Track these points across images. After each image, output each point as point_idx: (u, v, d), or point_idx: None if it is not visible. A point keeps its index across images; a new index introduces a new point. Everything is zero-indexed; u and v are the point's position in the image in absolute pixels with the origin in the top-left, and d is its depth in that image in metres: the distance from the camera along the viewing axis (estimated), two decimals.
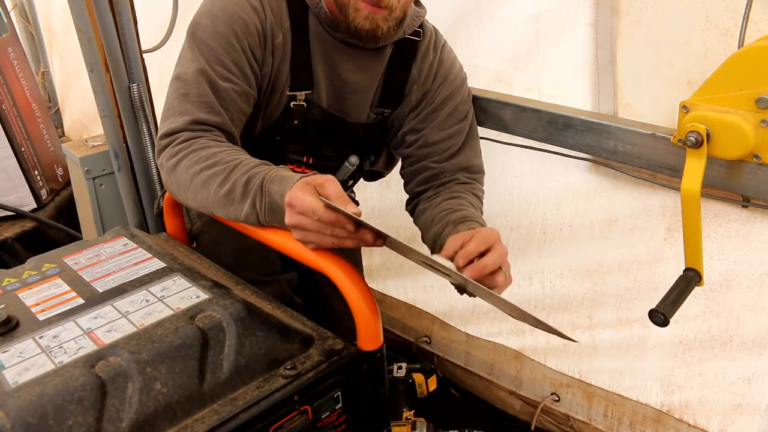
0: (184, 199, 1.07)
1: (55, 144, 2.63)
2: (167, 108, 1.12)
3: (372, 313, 0.89)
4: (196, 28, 1.14)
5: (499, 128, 1.53)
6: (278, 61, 1.19)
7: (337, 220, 0.85)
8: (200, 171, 1.01)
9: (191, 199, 1.04)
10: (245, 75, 1.15)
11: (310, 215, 0.85)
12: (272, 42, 1.17)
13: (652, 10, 1.26)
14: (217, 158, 1.01)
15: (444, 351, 2.06)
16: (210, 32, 1.13)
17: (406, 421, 1.70)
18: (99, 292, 0.96)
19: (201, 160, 1.02)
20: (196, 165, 1.02)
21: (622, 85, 1.36)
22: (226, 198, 0.98)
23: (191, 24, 1.16)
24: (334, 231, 0.86)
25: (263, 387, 0.84)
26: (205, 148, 1.04)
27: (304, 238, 0.89)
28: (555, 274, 1.66)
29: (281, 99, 1.22)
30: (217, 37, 1.12)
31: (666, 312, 1.05)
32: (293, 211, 0.87)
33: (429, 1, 1.53)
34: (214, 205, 1.00)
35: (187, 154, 1.04)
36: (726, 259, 1.33)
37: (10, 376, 0.78)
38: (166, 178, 1.09)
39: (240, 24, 1.13)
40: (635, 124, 1.30)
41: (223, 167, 0.99)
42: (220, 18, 1.13)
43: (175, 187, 1.07)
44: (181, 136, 1.07)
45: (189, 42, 1.15)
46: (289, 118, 1.24)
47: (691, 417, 1.51)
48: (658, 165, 1.27)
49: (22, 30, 3.52)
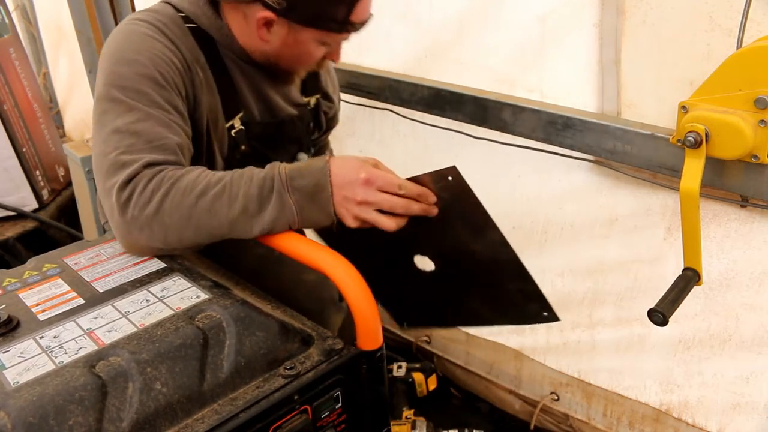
0: (175, 240, 0.99)
1: (57, 144, 2.63)
2: (108, 166, 1.00)
3: (372, 313, 0.89)
4: (116, 79, 1.05)
5: (498, 128, 1.53)
6: (207, 96, 1.17)
7: (422, 191, 0.99)
8: (196, 201, 0.96)
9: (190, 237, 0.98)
10: (181, 113, 1.09)
11: (396, 189, 0.96)
12: (195, 78, 1.15)
13: (657, 10, 1.26)
14: (204, 182, 0.97)
15: (444, 350, 2.06)
16: (135, 78, 1.05)
17: (406, 420, 1.70)
18: (99, 292, 0.96)
19: (187, 191, 0.96)
20: (185, 198, 0.96)
21: (626, 86, 1.36)
22: (243, 215, 0.96)
23: (104, 78, 1.06)
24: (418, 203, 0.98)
25: (263, 387, 0.84)
26: (180, 178, 0.97)
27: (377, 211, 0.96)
28: (555, 273, 1.66)
29: (222, 131, 1.21)
30: (144, 81, 1.05)
31: (665, 311, 1.05)
32: (371, 189, 0.94)
33: (435, 3, 1.54)
34: (228, 228, 0.97)
35: (167, 191, 0.96)
36: (725, 259, 1.34)
37: (10, 376, 0.78)
38: (141, 231, 0.98)
39: (162, 64, 1.08)
40: (634, 124, 1.31)
41: (219, 188, 0.96)
42: (140, 62, 1.06)
43: (161, 233, 0.97)
44: (144, 177, 0.97)
45: (112, 97, 1.04)
46: (236, 147, 1.24)
47: (689, 416, 1.52)
48: (658, 165, 1.27)
49: (24, 31, 3.52)
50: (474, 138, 1.64)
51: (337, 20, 1.12)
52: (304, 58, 1.19)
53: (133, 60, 1.07)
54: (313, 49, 1.17)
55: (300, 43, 1.15)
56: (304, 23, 1.11)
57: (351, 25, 1.14)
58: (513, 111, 1.48)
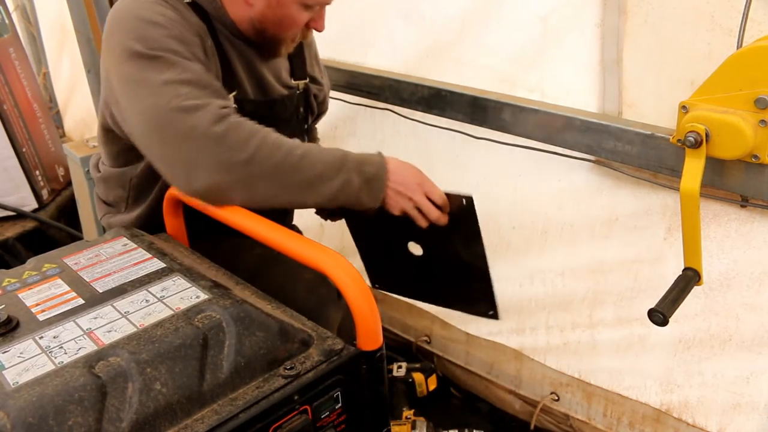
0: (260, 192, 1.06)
1: (56, 144, 2.63)
2: (176, 113, 1.02)
3: (372, 313, 0.89)
4: (143, 40, 1.06)
5: (498, 128, 1.53)
6: (214, 64, 1.20)
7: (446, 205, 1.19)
8: (284, 158, 1.05)
9: (269, 191, 1.05)
10: (209, 68, 1.14)
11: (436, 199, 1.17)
12: (206, 44, 1.17)
13: (658, 10, 1.26)
14: (288, 142, 1.08)
15: (444, 350, 2.06)
16: (162, 39, 1.07)
17: (406, 420, 1.70)
18: (99, 293, 0.96)
19: (275, 146, 1.05)
20: (275, 152, 1.04)
21: (628, 85, 1.36)
22: (319, 178, 1.07)
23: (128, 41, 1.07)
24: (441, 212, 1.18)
25: (263, 387, 0.84)
26: (268, 132, 1.07)
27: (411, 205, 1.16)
28: (556, 273, 1.66)
29: None
30: (172, 41, 1.08)
31: (665, 311, 1.05)
32: (420, 192, 1.15)
33: (437, 2, 1.54)
34: (305, 187, 1.07)
35: (260, 144, 1.04)
36: (725, 259, 1.33)
37: (10, 376, 0.78)
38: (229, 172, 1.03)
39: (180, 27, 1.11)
40: (635, 124, 1.31)
41: (303, 151, 1.07)
42: (162, 24, 1.09)
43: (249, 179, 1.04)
44: (230, 118, 1.04)
45: (147, 55, 1.06)
46: None
47: (690, 416, 1.52)
48: (658, 165, 1.27)
49: (24, 31, 3.52)
50: (474, 138, 1.64)
51: None
52: (287, 22, 1.21)
53: (154, 22, 1.08)
54: (296, 12, 1.19)
55: (283, 6, 1.17)
56: None
57: None
58: (513, 111, 1.48)
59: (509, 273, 1.74)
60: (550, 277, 1.68)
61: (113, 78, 1.12)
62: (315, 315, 1.02)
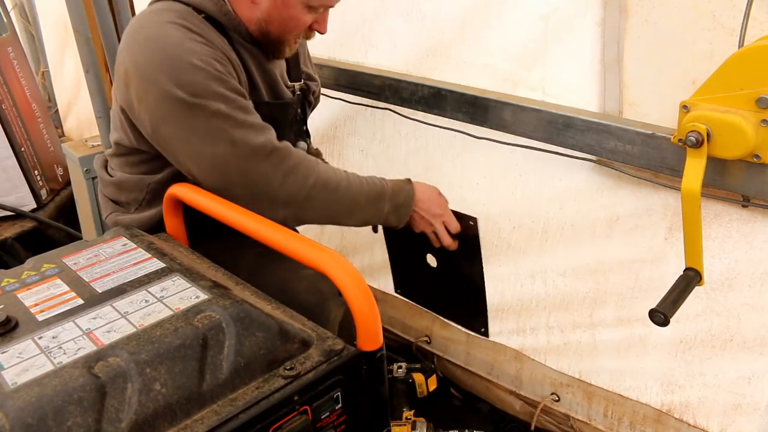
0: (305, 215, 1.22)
1: (55, 144, 2.63)
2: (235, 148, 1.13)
3: (372, 313, 0.89)
4: (188, 87, 1.11)
5: (499, 128, 1.53)
6: (242, 77, 1.24)
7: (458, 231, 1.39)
8: (336, 190, 1.21)
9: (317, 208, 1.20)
10: (247, 97, 1.20)
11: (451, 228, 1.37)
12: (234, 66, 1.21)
13: (660, 8, 1.26)
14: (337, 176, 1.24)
15: (444, 351, 2.06)
16: (205, 83, 1.12)
17: (406, 420, 1.70)
18: (98, 293, 0.96)
19: (329, 186, 1.21)
20: (327, 192, 1.20)
21: (629, 84, 1.36)
22: (359, 207, 1.24)
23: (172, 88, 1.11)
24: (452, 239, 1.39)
25: (263, 387, 0.83)
26: (320, 169, 1.21)
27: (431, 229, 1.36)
28: (557, 273, 1.66)
29: None
30: (214, 83, 1.13)
31: (666, 312, 1.05)
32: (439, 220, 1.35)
33: (438, 1, 1.54)
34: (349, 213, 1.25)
35: (319, 171, 1.20)
36: (727, 259, 1.33)
37: (9, 376, 0.78)
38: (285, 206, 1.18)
39: (216, 63, 1.14)
40: (635, 123, 1.30)
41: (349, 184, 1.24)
42: (199, 67, 1.12)
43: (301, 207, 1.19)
44: (287, 154, 1.18)
45: (194, 104, 1.11)
46: None
47: (691, 417, 1.51)
48: (659, 165, 1.27)
49: (22, 30, 3.52)
50: (475, 138, 1.64)
51: None
52: (291, 23, 1.23)
53: (192, 65, 1.12)
54: (300, 13, 1.21)
55: (287, 6, 1.20)
56: None
57: None
58: (513, 111, 1.47)
59: (510, 273, 1.74)
60: (551, 276, 1.68)
61: (154, 116, 1.15)
62: (316, 311, 1.03)
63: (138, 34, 1.18)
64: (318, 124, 2.04)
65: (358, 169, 1.88)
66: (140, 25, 1.20)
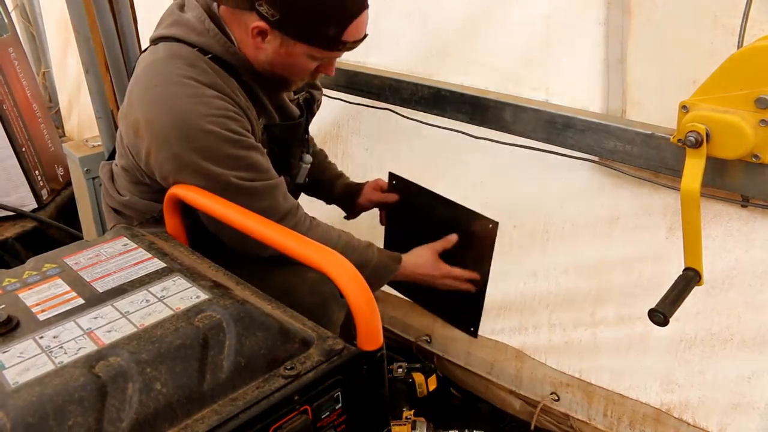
0: None
1: (56, 144, 2.63)
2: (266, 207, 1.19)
3: (372, 313, 0.89)
4: (205, 152, 1.14)
5: (499, 128, 1.53)
6: (253, 117, 1.24)
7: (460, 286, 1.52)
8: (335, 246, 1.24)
9: None
10: (260, 149, 1.22)
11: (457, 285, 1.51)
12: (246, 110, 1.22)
13: (662, 9, 1.26)
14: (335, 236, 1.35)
15: (444, 350, 2.06)
16: (219, 146, 1.14)
17: (406, 420, 1.70)
18: (99, 292, 0.96)
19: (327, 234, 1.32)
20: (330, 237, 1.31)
21: (631, 84, 1.36)
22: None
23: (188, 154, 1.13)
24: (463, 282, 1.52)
25: (263, 387, 0.84)
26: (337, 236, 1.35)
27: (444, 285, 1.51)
28: (560, 271, 1.66)
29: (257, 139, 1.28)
30: (227, 146, 1.14)
31: (665, 312, 1.05)
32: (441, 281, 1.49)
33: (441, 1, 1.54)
34: None
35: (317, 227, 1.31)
36: (727, 257, 1.33)
37: (10, 376, 0.78)
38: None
39: (228, 122, 1.15)
40: (635, 124, 1.31)
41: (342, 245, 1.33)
42: (212, 130, 1.13)
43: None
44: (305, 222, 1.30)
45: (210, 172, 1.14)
46: None
47: (690, 416, 1.51)
48: (659, 165, 1.27)
49: (23, 30, 3.52)
50: (475, 138, 1.64)
51: (329, 38, 1.15)
52: (296, 69, 1.23)
53: (205, 132, 1.13)
54: (305, 62, 1.21)
55: (292, 56, 1.19)
56: (296, 38, 1.15)
57: (343, 44, 1.18)
58: (514, 111, 1.48)
59: (512, 271, 1.74)
60: (553, 274, 1.68)
61: (164, 169, 1.18)
62: (318, 313, 1.03)
63: (149, 92, 1.16)
64: (321, 123, 2.04)
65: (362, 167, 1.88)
66: (149, 77, 1.18)
